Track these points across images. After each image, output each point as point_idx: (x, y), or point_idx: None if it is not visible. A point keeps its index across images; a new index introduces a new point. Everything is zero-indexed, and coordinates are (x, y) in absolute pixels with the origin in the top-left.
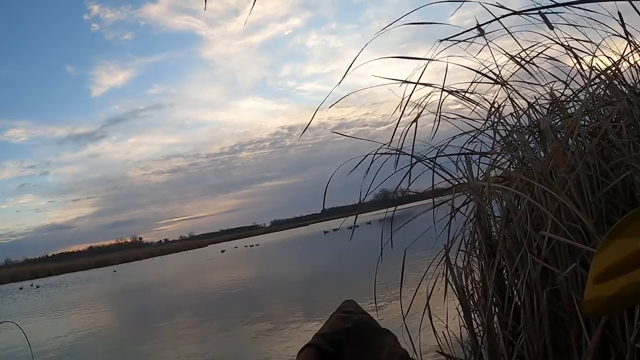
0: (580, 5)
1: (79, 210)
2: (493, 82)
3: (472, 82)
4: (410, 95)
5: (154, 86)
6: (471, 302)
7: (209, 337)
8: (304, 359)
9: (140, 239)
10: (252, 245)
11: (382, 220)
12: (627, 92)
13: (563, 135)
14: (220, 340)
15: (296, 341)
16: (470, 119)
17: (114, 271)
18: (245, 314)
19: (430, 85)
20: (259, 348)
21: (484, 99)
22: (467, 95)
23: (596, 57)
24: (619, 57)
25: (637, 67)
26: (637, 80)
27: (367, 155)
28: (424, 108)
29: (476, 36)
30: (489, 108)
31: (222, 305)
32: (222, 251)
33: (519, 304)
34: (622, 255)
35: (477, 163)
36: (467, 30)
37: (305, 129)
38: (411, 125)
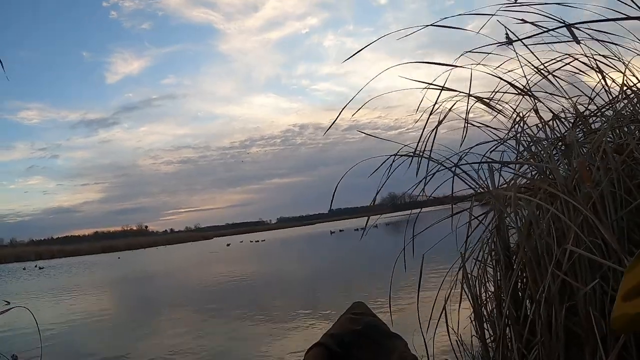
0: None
1: (87, 195)
2: (518, 92)
3: (495, 92)
4: (436, 100)
5: (168, 76)
6: (484, 312)
7: (208, 330)
8: (312, 358)
9: (146, 227)
10: (258, 241)
11: (389, 224)
12: None
13: (588, 150)
14: (220, 335)
15: (297, 340)
16: (493, 128)
17: (118, 258)
18: (248, 310)
19: (454, 90)
20: (258, 346)
21: (510, 107)
22: (492, 103)
23: (623, 73)
24: None
25: None
26: None
27: (389, 157)
28: (447, 113)
29: (503, 43)
30: (512, 118)
31: (224, 299)
32: (228, 245)
33: (534, 317)
34: None
35: (499, 172)
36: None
37: (332, 124)
38: (434, 130)
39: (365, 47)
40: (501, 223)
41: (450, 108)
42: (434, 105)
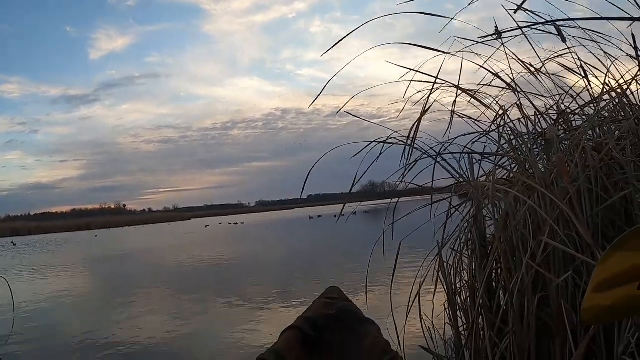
0: (595, 23)
1: (66, 171)
2: (505, 86)
3: (482, 85)
4: (430, 93)
5: (152, 55)
6: (458, 301)
7: (183, 312)
8: (286, 341)
9: (125, 205)
10: (237, 223)
11: (368, 212)
12: (634, 112)
13: (567, 147)
14: (194, 317)
15: (271, 324)
16: (476, 120)
17: (95, 235)
18: (224, 293)
19: (441, 80)
20: (233, 328)
21: (494, 100)
22: (477, 96)
23: (608, 74)
24: (630, 78)
25: None
26: None
27: (371, 142)
28: (433, 103)
29: (492, 35)
30: (496, 111)
31: (199, 281)
32: (206, 226)
33: (507, 306)
34: (622, 268)
35: (479, 163)
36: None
37: (313, 101)
38: (419, 119)
39: (350, 33)
40: (479, 213)
41: (428, 101)
42: (417, 93)
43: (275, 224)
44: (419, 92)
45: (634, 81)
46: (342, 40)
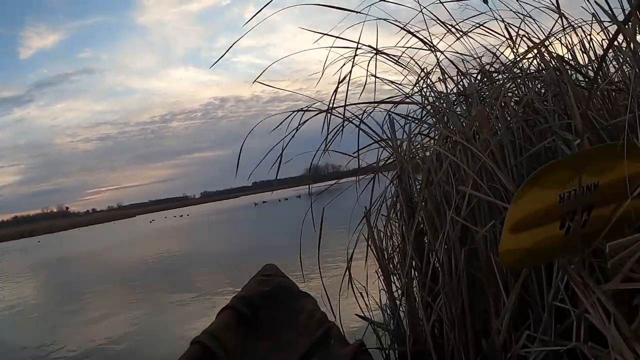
0: None
1: (3, 178)
2: (425, 48)
3: (405, 48)
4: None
5: (84, 50)
6: (391, 266)
7: (135, 312)
8: (221, 322)
9: (67, 208)
10: (182, 216)
11: (312, 194)
12: (555, 63)
13: (488, 102)
14: (147, 315)
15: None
16: (398, 84)
17: (38, 242)
18: (174, 287)
19: (360, 44)
20: (187, 322)
21: (414, 61)
22: (398, 60)
23: (527, 35)
24: (549, 32)
25: (567, 43)
26: (566, 52)
27: (294, 112)
28: (352, 67)
29: None
30: (418, 74)
31: (148, 279)
32: (151, 221)
33: (438, 265)
34: (539, 206)
35: (403, 128)
36: None
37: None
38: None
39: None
40: (402, 174)
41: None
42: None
43: (221, 213)
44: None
45: (553, 36)
46: (258, 12)
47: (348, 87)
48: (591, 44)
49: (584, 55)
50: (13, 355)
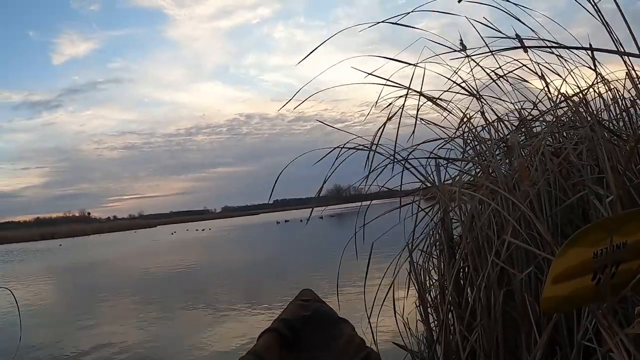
0: (555, 32)
1: (28, 179)
2: (467, 93)
3: (444, 91)
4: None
5: (115, 60)
6: (429, 299)
7: (151, 320)
8: (265, 343)
9: (89, 213)
10: (204, 229)
11: (333, 215)
12: (590, 119)
13: (528, 152)
14: (163, 324)
15: (240, 329)
16: (441, 127)
17: (60, 245)
18: (194, 300)
19: (406, 87)
20: (201, 335)
21: (458, 108)
22: (441, 103)
23: (566, 82)
24: (587, 86)
25: (601, 97)
26: (601, 109)
27: (335, 148)
28: (398, 110)
29: (458, 50)
30: (460, 118)
31: (167, 289)
32: (172, 233)
33: (475, 302)
34: (576, 262)
35: (445, 168)
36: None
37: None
38: (383, 124)
39: (318, 47)
40: (446, 216)
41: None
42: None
43: (243, 230)
44: (388, 101)
45: (591, 89)
46: (311, 53)
47: (385, 125)
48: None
49: (616, 106)
50: (30, 352)
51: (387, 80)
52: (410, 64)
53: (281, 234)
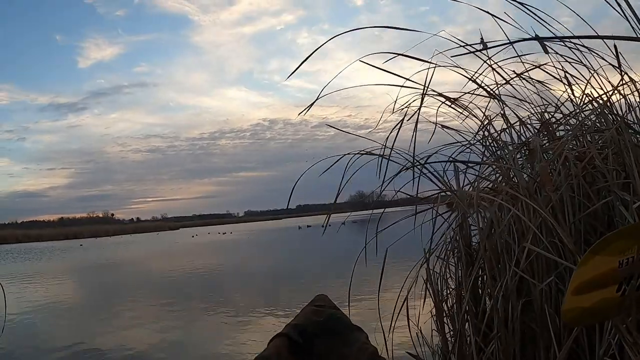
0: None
1: (53, 179)
2: (488, 95)
3: (464, 93)
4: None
5: (140, 64)
6: (445, 308)
7: (169, 321)
8: (275, 348)
9: (113, 215)
10: (225, 233)
11: (356, 222)
12: (616, 121)
13: (551, 156)
14: (181, 326)
15: (260, 333)
16: (460, 131)
17: (81, 245)
18: (213, 302)
19: (424, 87)
20: (219, 337)
21: (478, 108)
22: (459, 104)
23: (590, 84)
24: (612, 88)
25: (627, 99)
26: (626, 112)
27: (356, 154)
28: (414, 113)
29: (479, 50)
30: (480, 121)
31: (186, 291)
32: (193, 236)
33: (492, 312)
34: (600, 271)
35: (464, 173)
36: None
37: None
38: (397, 128)
39: (330, 39)
40: (464, 222)
41: (414, 111)
42: (404, 104)
43: (264, 234)
44: (405, 105)
45: (616, 91)
46: (322, 45)
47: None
48: None
49: None
50: (51, 349)
51: (407, 79)
52: (425, 61)
53: (302, 239)
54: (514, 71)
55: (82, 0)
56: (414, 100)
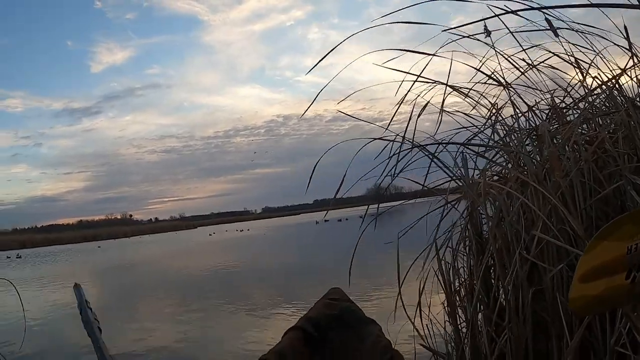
0: (587, 17)
1: (70, 183)
2: (496, 83)
3: (475, 83)
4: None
5: (152, 66)
6: (457, 298)
7: (189, 319)
8: (288, 341)
9: (131, 216)
10: (243, 230)
11: (375, 214)
12: (626, 104)
13: (560, 141)
14: (200, 323)
15: (280, 328)
16: (470, 116)
17: (98, 247)
18: (233, 299)
19: (432, 80)
20: (239, 333)
21: (485, 97)
22: (469, 93)
23: (598, 68)
24: (621, 70)
25: (637, 80)
26: (637, 94)
27: (370, 140)
28: (428, 102)
29: (482, 33)
30: (489, 108)
31: (205, 289)
32: (211, 234)
33: (505, 302)
34: (607, 258)
35: (474, 160)
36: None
37: (307, 108)
38: (410, 116)
39: (345, 39)
40: (474, 211)
41: (425, 101)
42: (416, 95)
43: (282, 230)
44: (418, 96)
45: (625, 73)
46: (337, 46)
47: (417, 119)
48: None
49: None
50: (72, 349)
51: (413, 74)
52: (434, 55)
53: (319, 233)
54: (523, 59)
55: (91, 6)
56: (427, 92)
